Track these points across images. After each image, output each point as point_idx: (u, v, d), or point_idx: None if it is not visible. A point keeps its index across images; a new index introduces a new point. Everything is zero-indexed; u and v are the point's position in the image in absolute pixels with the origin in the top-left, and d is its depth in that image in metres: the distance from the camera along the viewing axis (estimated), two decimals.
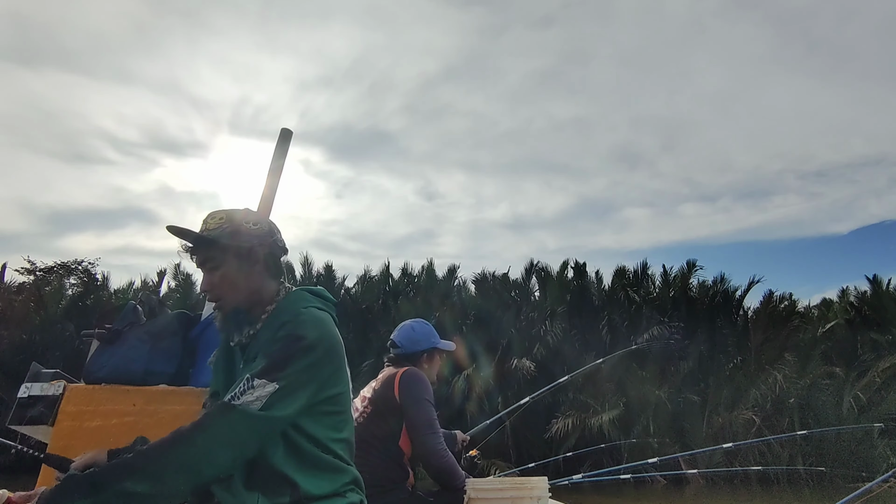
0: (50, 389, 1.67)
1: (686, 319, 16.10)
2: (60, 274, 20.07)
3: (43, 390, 1.68)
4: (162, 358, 1.79)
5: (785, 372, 14.76)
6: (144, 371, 1.75)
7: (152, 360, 1.77)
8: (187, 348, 1.87)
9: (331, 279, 18.03)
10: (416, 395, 2.19)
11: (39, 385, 1.68)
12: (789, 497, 12.34)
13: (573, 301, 17.05)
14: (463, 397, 14.24)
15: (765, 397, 14.47)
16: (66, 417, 1.69)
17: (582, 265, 17.71)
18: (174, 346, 1.82)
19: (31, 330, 15.74)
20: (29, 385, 1.69)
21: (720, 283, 17.09)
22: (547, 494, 1.93)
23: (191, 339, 1.89)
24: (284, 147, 1.99)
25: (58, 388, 1.67)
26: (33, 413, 1.65)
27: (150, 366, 1.76)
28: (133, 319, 1.87)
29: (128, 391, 1.74)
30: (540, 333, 16.11)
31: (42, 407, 1.66)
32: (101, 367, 1.74)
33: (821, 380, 14.68)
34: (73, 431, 1.68)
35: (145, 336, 1.80)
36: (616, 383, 14.79)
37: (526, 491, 1.87)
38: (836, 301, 19.43)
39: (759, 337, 15.92)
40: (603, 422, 13.69)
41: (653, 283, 18.05)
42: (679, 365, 15.29)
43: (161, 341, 1.81)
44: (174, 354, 1.82)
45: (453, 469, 2.17)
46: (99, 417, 1.69)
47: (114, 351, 1.78)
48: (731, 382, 14.90)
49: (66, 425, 1.68)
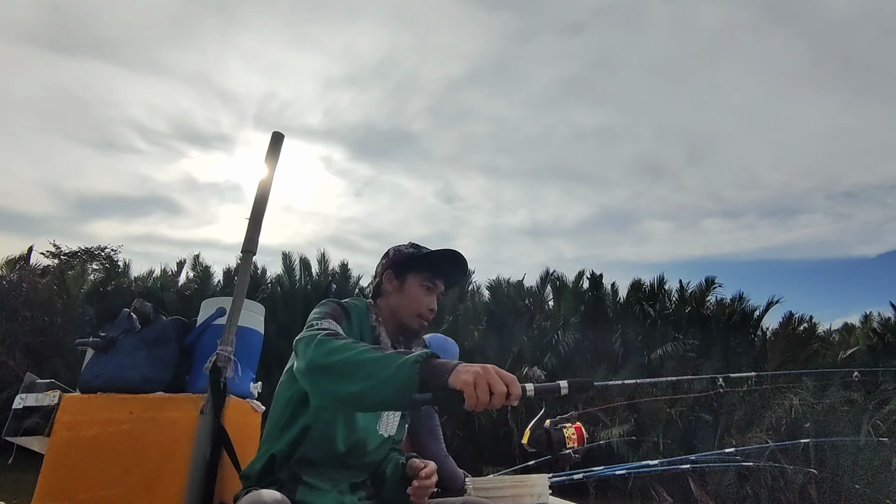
0: (45, 400, 1.69)
1: (701, 337, 15.83)
2: (84, 259, 20.55)
3: (38, 401, 1.69)
4: (158, 365, 1.80)
5: (801, 396, 14.43)
6: (141, 378, 1.76)
7: (148, 368, 1.78)
8: (183, 354, 1.88)
9: (346, 277, 18.12)
10: None
11: (34, 395, 1.70)
12: None
13: (587, 312, 16.89)
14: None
15: (780, 421, 14.16)
16: (62, 427, 1.70)
17: (598, 276, 17.55)
18: (170, 353, 1.84)
19: (52, 312, 16.11)
20: (24, 396, 1.71)
21: (738, 302, 16.77)
22: (547, 492, 1.90)
23: (187, 345, 1.90)
24: (276, 150, 1.99)
25: (53, 398, 1.69)
26: (29, 424, 1.67)
27: (146, 373, 1.77)
28: (128, 327, 1.88)
29: (124, 399, 1.74)
30: (552, 343, 16.00)
31: (37, 417, 1.68)
32: (97, 376, 1.75)
33: (839, 406, 14.32)
34: (70, 441, 1.69)
35: (140, 343, 1.82)
36: (628, 397, 14.61)
37: (526, 489, 1.84)
38: (859, 326, 18.92)
39: (777, 359, 15.58)
40: (612, 436, 13.53)
41: (669, 298, 17.79)
42: (693, 383, 15.05)
43: (157, 348, 1.82)
44: (170, 361, 1.83)
45: (453, 473, 2.19)
46: (95, 426, 1.70)
47: (109, 359, 1.79)
48: (746, 404, 14.61)
49: (63, 435, 1.69)
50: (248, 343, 1.96)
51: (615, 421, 14.11)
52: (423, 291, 1.61)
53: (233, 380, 1.80)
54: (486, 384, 1.09)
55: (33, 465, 1.68)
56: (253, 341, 2.02)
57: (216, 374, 1.73)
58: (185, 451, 1.65)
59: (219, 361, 1.73)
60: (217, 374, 1.74)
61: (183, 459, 1.64)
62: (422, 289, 1.61)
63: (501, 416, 14.62)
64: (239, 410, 1.95)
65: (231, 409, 1.84)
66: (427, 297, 1.62)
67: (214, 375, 1.73)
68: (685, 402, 14.49)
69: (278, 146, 1.98)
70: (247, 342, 1.95)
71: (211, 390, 1.74)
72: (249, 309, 1.99)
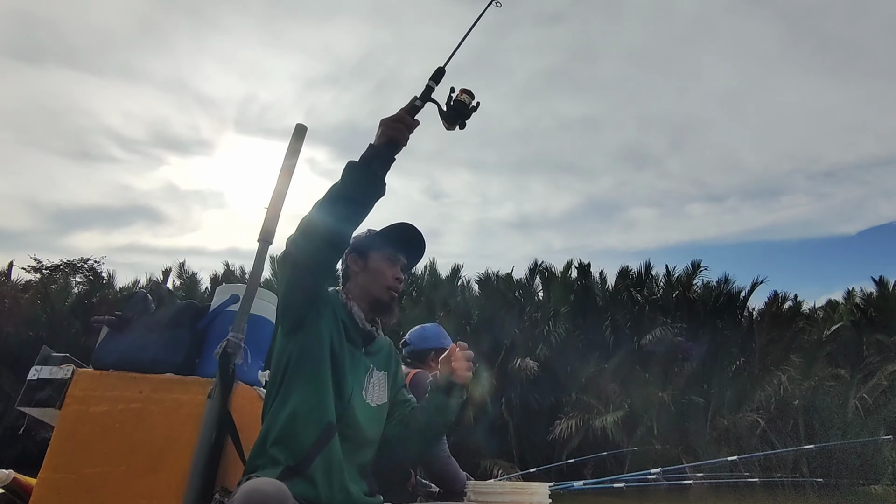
0: (59, 373, 1.69)
1: (689, 320, 16.07)
2: (66, 272, 20.21)
3: (52, 373, 1.70)
4: (170, 347, 1.80)
5: (790, 374, 14.71)
6: (152, 359, 1.77)
7: (160, 349, 1.79)
8: (195, 339, 1.88)
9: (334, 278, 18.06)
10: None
11: (49, 368, 1.70)
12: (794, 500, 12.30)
13: (577, 301, 17.06)
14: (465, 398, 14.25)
15: (769, 399, 14.42)
16: (73, 401, 1.70)
17: (586, 265, 17.74)
18: (182, 336, 1.84)
19: (37, 327, 15.85)
20: (38, 368, 1.71)
21: (724, 284, 17.08)
22: (548, 501, 1.93)
23: (198, 329, 1.90)
24: (298, 143, 1.99)
25: (66, 371, 1.69)
26: (42, 395, 1.67)
27: (157, 354, 1.78)
28: (143, 308, 1.89)
29: (135, 378, 1.75)
30: (543, 334, 16.13)
31: (50, 390, 1.68)
32: (110, 354, 1.76)
33: (826, 382, 14.62)
34: (80, 415, 1.69)
35: (154, 325, 1.82)
36: (620, 385, 14.78)
37: (526, 496, 1.86)
38: (842, 303, 19.34)
39: (764, 338, 15.88)
40: (606, 423, 13.67)
41: (656, 283, 18.05)
42: (683, 367, 15.27)
43: (169, 331, 1.82)
44: (182, 344, 1.83)
45: (455, 474, 2.19)
46: (105, 403, 1.70)
47: (122, 338, 1.80)
48: (735, 384, 14.86)
49: (73, 409, 1.70)
50: (258, 331, 1.96)
51: (608, 408, 14.26)
52: (387, 264, 1.71)
53: (242, 367, 1.80)
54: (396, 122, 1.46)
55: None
56: (264, 330, 2.02)
57: (226, 359, 1.73)
58: (191, 433, 1.65)
59: (229, 347, 1.73)
60: (227, 360, 1.73)
61: (188, 442, 1.64)
62: (386, 262, 1.71)
63: (498, 411, 14.72)
64: (246, 397, 1.95)
65: (238, 395, 1.85)
66: (391, 268, 1.71)
67: (224, 361, 1.73)
68: (676, 386, 14.71)
69: (301, 138, 1.98)
70: (258, 330, 1.95)
71: (220, 375, 1.74)
72: (262, 298, 2.00)
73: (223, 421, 1.74)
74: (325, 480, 1.40)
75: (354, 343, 1.61)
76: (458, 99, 1.51)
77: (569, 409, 14.73)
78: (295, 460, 1.41)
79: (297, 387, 1.49)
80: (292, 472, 1.39)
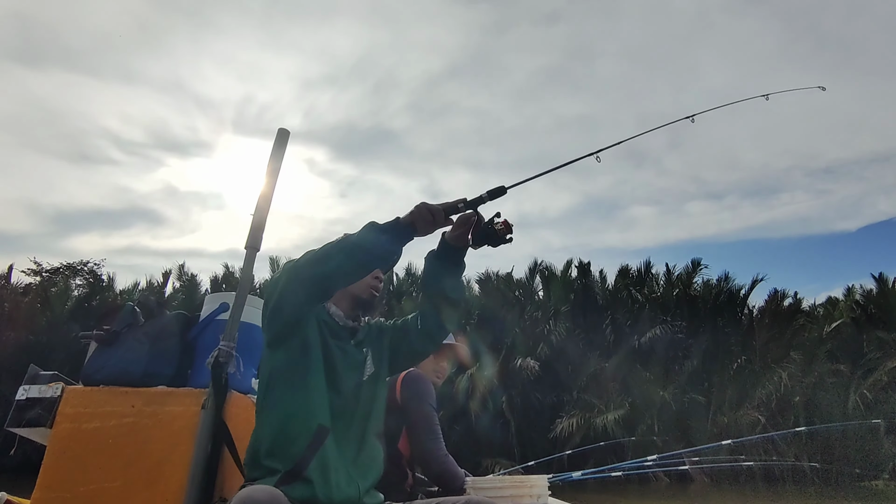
0: (48, 391, 1.68)
1: (689, 318, 16.05)
2: (66, 275, 20.20)
3: (41, 392, 1.68)
4: (161, 359, 1.80)
5: (790, 371, 14.69)
6: (143, 372, 1.76)
7: (151, 362, 1.78)
8: (186, 349, 1.87)
9: None
10: (419, 397, 2.18)
11: (37, 387, 1.69)
12: (794, 494, 12.29)
13: (577, 300, 17.04)
14: (466, 396, 14.26)
15: (770, 396, 14.40)
16: (64, 419, 1.69)
17: (586, 264, 17.73)
18: (173, 348, 1.83)
19: (37, 330, 15.84)
20: (27, 387, 1.70)
21: (724, 282, 17.05)
22: (547, 493, 1.92)
23: (189, 340, 1.90)
24: (282, 148, 1.98)
25: (56, 389, 1.68)
26: (31, 415, 1.66)
27: (148, 367, 1.77)
28: (131, 321, 1.88)
29: (126, 393, 1.74)
30: (544, 333, 16.12)
31: (40, 409, 1.67)
32: (100, 369, 1.75)
33: (826, 379, 14.60)
34: (72, 433, 1.68)
35: (144, 337, 1.81)
36: (621, 383, 14.77)
37: (525, 489, 1.86)
38: (842, 300, 19.29)
39: (764, 336, 15.85)
40: (607, 421, 13.67)
41: (656, 282, 18.04)
42: (683, 365, 15.25)
43: (160, 342, 1.82)
44: (173, 356, 1.82)
45: (454, 473, 2.17)
46: (97, 419, 1.69)
47: (112, 352, 1.79)
48: (736, 382, 14.84)
49: (65, 427, 1.69)
50: (250, 339, 1.95)
51: (609, 406, 14.26)
52: None
53: (234, 375, 1.79)
54: (429, 214, 1.47)
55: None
56: (255, 337, 2.01)
57: (218, 369, 1.73)
58: (186, 445, 1.65)
59: (221, 356, 1.72)
60: (219, 370, 1.73)
61: (184, 454, 1.64)
62: None
63: (499, 410, 14.73)
64: (240, 406, 1.94)
65: (233, 404, 1.84)
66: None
67: (216, 370, 1.72)
68: (677, 383, 14.70)
69: (283, 143, 1.97)
70: (249, 338, 1.94)
71: (213, 385, 1.73)
72: (252, 305, 1.99)
73: (218, 431, 1.74)
74: (323, 480, 1.42)
75: (341, 338, 1.63)
76: (496, 227, 1.52)
77: (570, 407, 14.73)
78: (291, 465, 1.42)
79: (284, 396, 1.50)
80: (290, 476, 1.41)
